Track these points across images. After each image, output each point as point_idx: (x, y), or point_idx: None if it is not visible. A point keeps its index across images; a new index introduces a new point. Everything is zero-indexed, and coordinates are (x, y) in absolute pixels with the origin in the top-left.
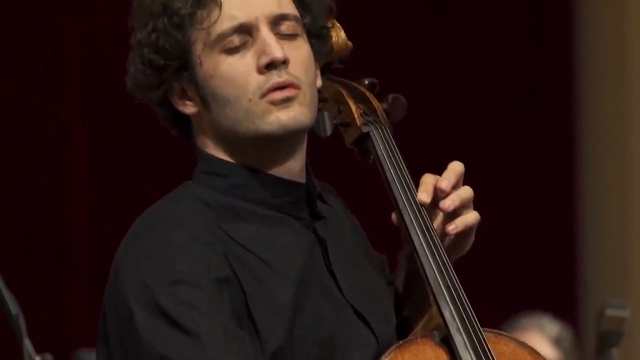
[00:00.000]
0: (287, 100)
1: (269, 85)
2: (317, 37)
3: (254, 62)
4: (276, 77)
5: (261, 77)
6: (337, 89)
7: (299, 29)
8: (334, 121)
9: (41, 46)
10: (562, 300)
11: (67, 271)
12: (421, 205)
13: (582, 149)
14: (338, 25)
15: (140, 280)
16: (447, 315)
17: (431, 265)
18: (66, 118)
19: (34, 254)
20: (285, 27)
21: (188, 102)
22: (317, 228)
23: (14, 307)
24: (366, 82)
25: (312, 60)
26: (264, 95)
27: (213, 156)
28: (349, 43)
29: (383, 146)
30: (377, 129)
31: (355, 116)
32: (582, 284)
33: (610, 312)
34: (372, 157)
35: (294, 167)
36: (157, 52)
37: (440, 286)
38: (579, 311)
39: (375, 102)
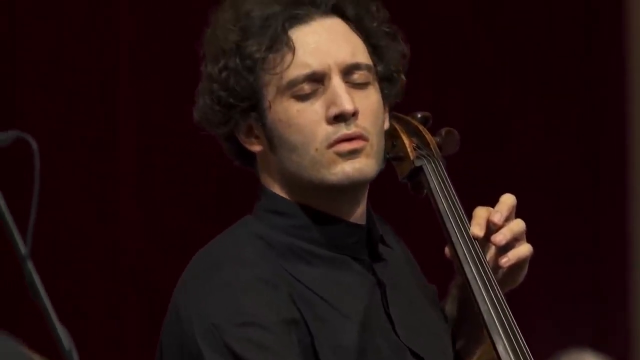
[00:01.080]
0: (353, 152)
1: (336, 136)
2: (388, 81)
3: (323, 111)
4: (344, 129)
5: (329, 128)
6: (391, 124)
7: (371, 78)
8: (387, 155)
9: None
10: (615, 332)
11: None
12: (474, 239)
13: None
14: None
15: (208, 321)
16: (500, 349)
17: (484, 298)
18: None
19: (89, 290)
20: (357, 76)
21: (255, 140)
22: (376, 270)
23: (66, 342)
24: (419, 115)
25: (382, 108)
26: (330, 145)
27: (276, 194)
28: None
29: (436, 180)
30: (430, 162)
31: (408, 150)
32: (636, 314)
33: None
34: (425, 190)
35: (355, 211)
36: (227, 91)
37: (494, 320)
38: (633, 343)
39: (428, 136)
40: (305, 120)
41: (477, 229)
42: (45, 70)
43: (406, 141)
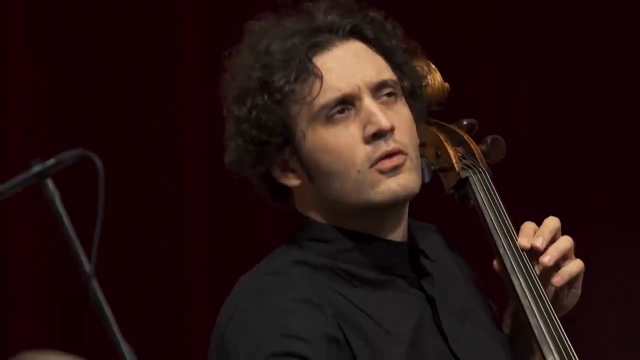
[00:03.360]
0: (396, 168)
1: (377, 154)
2: (413, 96)
3: (360, 132)
4: (384, 146)
5: (368, 147)
6: (435, 134)
7: (398, 93)
8: (433, 167)
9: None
10: None
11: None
12: (522, 251)
13: None
14: (434, 67)
15: (253, 340)
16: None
17: (534, 311)
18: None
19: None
20: (385, 93)
21: (291, 175)
22: (424, 285)
23: (131, 358)
24: (464, 122)
25: (413, 122)
26: (372, 165)
27: (318, 222)
28: (446, 85)
29: (482, 191)
30: (476, 173)
31: (454, 161)
32: None
33: None
34: (472, 202)
35: (398, 229)
36: (258, 129)
37: (544, 333)
38: None
39: (473, 145)
40: (343, 144)
41: (525, 240)
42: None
43: (451, 151)
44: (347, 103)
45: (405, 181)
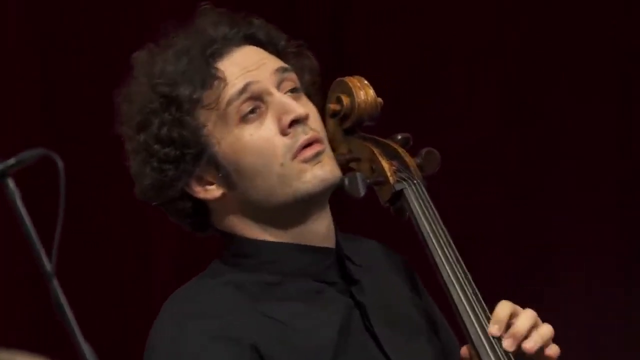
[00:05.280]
0: (317, 155)
1: (298, 144)
2: (311, 95)
3: (275, 126)
4: (303, 135)
5: (286, 139)
6: (369, 148)
7: (300, 88)
8: (368, 181)
9: None
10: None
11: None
12: (458, 262)
13: None
14: (366, 82)
15: None
16: None
17: (471, 319)
18: None
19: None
20: (288, 83)
21: (209, 187)
22: (353, 292)
23: (91, 359)
24: (399, 137)
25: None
26: (295, 155)
27: (241, 236)
28: (379, 100)
29: (417, 202)
30: (411, 185)
31: (388, 174)
32: None
33: None
34: (407, 214)
35: (322, 231)
36: (171, 145)
37: (481, 340)
38: None
39: (407, 158)
40: (261, 140)
41: (495, 329)
42: None
43: (385, 165)
44: (256, 99)
45: (330, 167)
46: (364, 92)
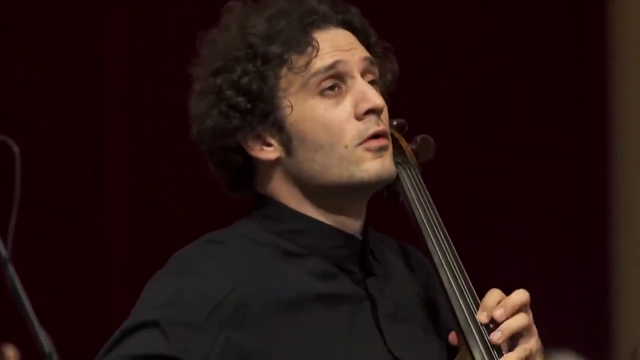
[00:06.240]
0: (381, 150)
1: (369, 132)
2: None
3: (351, 109)
4: (375, 126)
5: (360, 124)
6: None
7: (379, 83)
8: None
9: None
10: (595, 338)
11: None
12: (450, 247)
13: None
14: None
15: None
16: (477, 355)
17: (460, 304)
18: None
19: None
20: (371, 75)
21: (267, 148)
22: (368, 284)
23: (47, 345)
24: (395, 123)
25: None
26: (361, 143)
27: (278, 201)
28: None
29: (412, 187)
30: (406, 169)
31: None
32: (616, 322)
33: None
34: (401, 198)
35: (356, 223)
36: (246, 95)
37: (470, 327)
38: (613, 350)
39: (403, 143)
40: (334, 118)
41: (484, 316)
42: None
43: None
44: (338, 78)
45: (389, 164)
46: None
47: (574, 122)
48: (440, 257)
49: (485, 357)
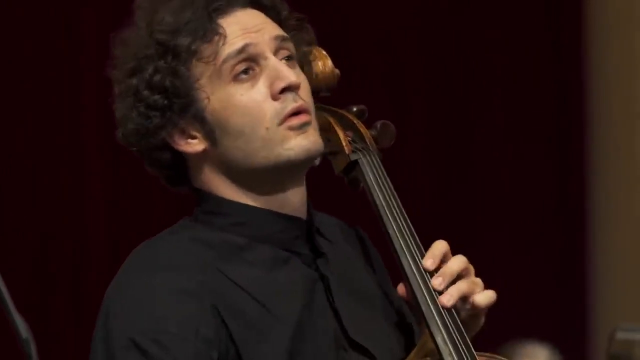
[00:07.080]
0: (304, 125)
1: (287, 110)
2: (301, 67)
3: (267, 89)
4: (292, 102)
5: (277, 104)
6: (325, 118)
7: (295, 58)
8: (323, 150)
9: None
10: (572, 325)
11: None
12: (411, 233)
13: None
14: (324, 53)
15: (127, 334)
16: (439, 340)
17: (422, 291)
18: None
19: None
20: (285, 51)
21: (192, 141)
22: (319, 265)
23: (24, 331)
24: (354, 109)
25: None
26: (282, 121)
27: (216, 195)
28: (336, 71)
29: (371, 173)
30: (366, 156)
31: (344, 144)
32: (594, 308)
33: (621, 335)
34: (361, 184)
35: (296, 201)
36: (161, 92)
37: (432, 312)
38: (590, 335)
39: (363, 129)
40: (251, 101)
41: (430, 262)
42: None
43: (341, 135)
44: (251, 61)
45: (315, 138)
46: (321, 63)
47: (551, 116)
48: (402, 242)
49: (448, 341)
